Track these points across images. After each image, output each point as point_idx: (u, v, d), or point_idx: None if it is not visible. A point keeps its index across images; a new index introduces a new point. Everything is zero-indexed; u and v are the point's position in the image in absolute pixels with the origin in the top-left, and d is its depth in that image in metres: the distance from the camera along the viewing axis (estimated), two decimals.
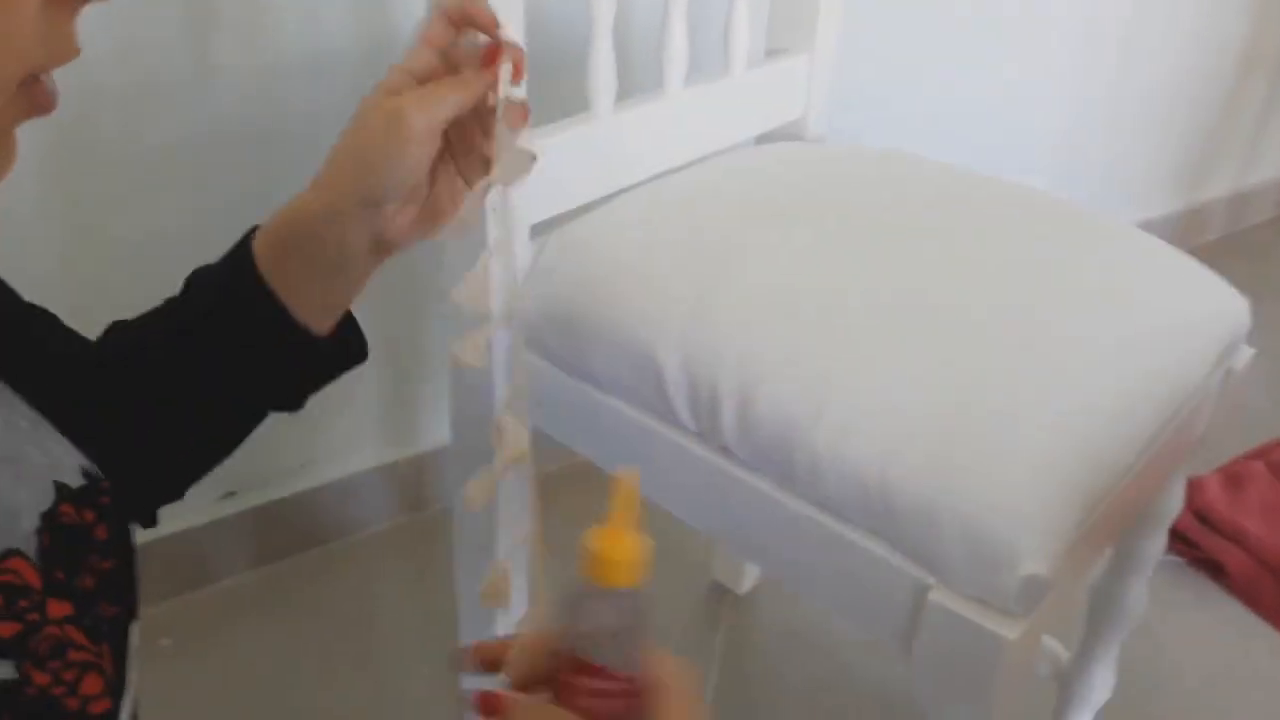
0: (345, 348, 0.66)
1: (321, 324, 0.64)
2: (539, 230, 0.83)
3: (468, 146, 0.61)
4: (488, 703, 0.48)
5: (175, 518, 0.86)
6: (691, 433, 0.75)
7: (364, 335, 0.67)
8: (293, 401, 0.67)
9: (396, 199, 0.59)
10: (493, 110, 0.58)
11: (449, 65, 0.60)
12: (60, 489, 0.50)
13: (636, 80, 0.90)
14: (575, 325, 0.78)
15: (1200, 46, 2.03)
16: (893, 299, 0.72)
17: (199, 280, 0.65)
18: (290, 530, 1.40)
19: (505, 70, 0.57)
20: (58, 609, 0.46)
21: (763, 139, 1.01)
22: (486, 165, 0.60)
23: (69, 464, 0.52)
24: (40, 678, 0.44)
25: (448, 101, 0.57)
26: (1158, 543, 0.96)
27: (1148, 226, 0.90)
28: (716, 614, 1.40)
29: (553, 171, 0.80)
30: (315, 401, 0.68)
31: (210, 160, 1.11)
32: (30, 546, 0.46)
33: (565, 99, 0.83)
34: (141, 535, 0.79)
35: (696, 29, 0.89)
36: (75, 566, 0.49)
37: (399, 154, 0.57)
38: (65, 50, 0.42)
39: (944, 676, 0.64)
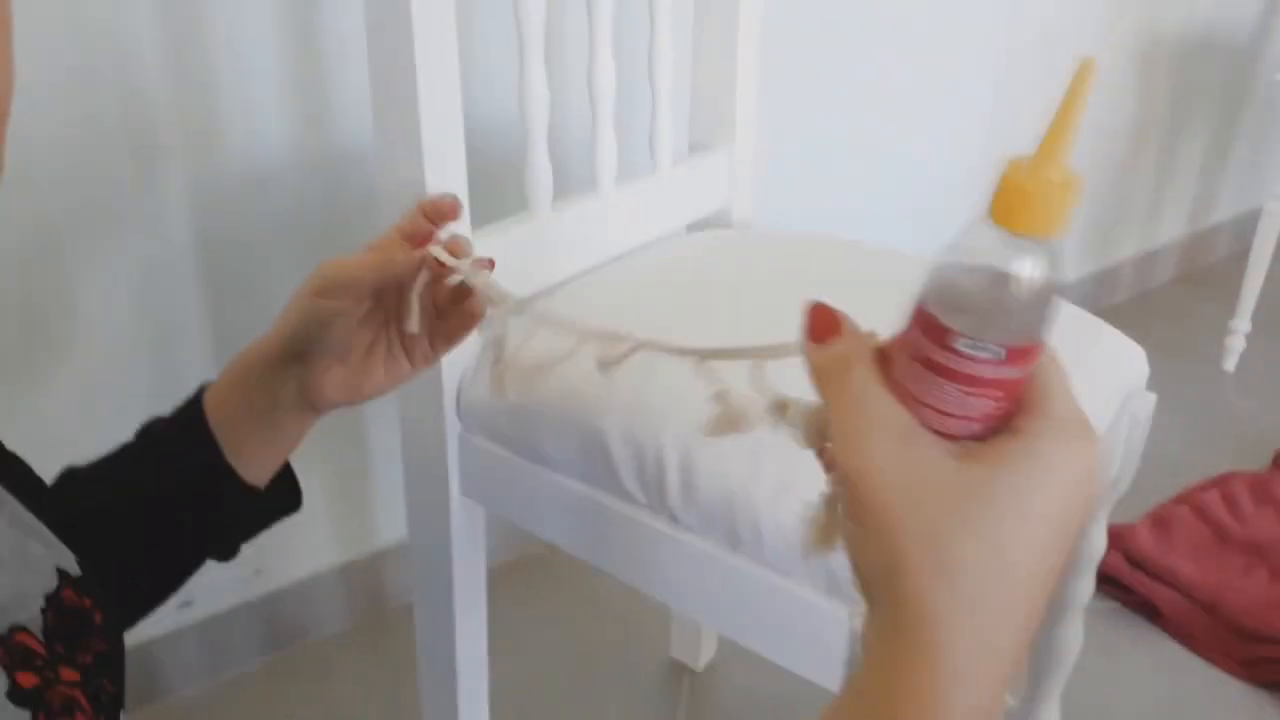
0: (280, 499, 0.69)
1: (259, 476, 0.67)
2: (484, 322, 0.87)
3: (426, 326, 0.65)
4: (821, 320, 0.41)
5: (130, 631, 0.87)
6: (641, 505, 0.79)
7: (299, 486, 0.70)
8: (229, 551, 0.70)
9: (317, 351, 0.62)
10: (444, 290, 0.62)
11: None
12: (62, 575, 0.54)
13: (571, 181, 0.96)
14: (525, 411, 0.83)
15: (1094, 118, 2.17)
16: None
17: (151, 432, 0.68)
18: (247, 637, 1.40)
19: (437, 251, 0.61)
20: (68, 674, 0.50)
21: (692, 227, 1.07)
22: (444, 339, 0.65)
23: (67, 556, 0.56)
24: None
25: (365, 263, 0.61)
26: (1085, 584, 1.02)
27: (1060, 290, 0.98)
28: (675, 691, 1.42)
29: (497, 268, 0.86)
30: None
31: (162, 279, 1.15)
32: (35, 625, 0.50)
33: (506, 200, 0.89)
34: None
35: (624, 131, 0.96)
36: (76, 644, 0.52)
37: (310, 304, 0.61)
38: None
39: None
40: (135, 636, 1.28)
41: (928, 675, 0.35)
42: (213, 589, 1.35)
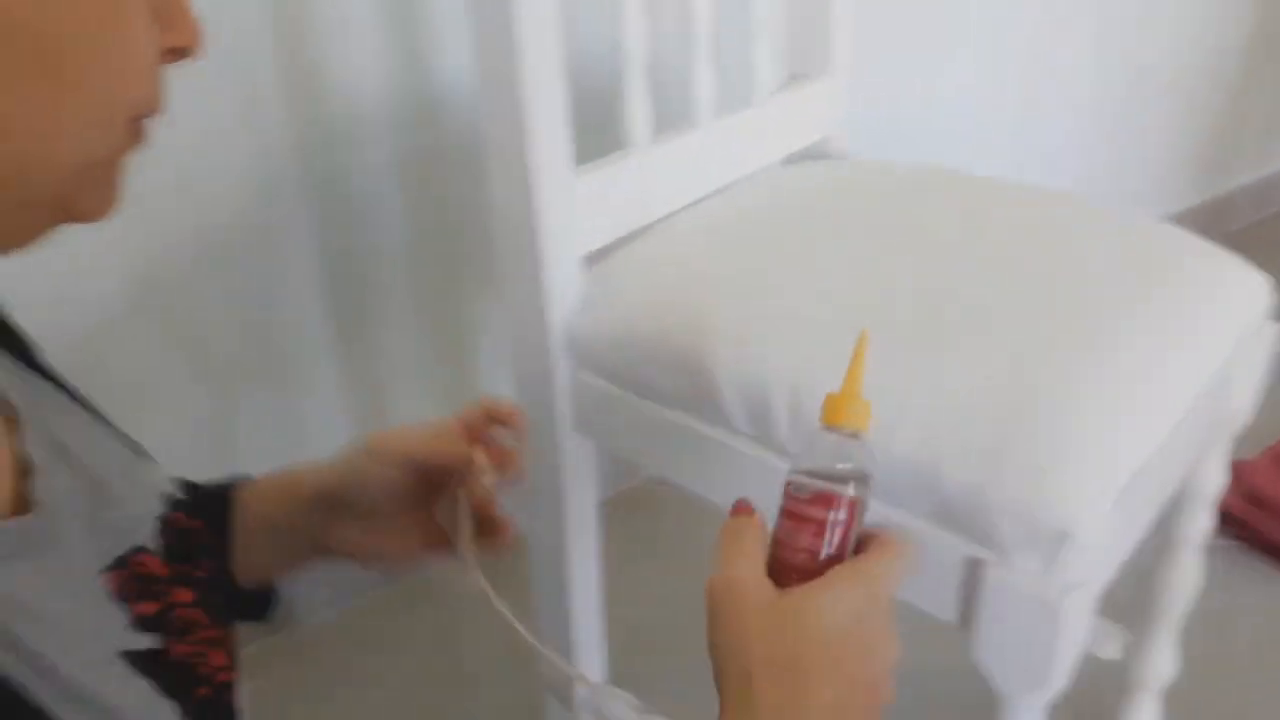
0: (251, 605, 0.69)
1: (249, 577, 0.67)
2: (591, 259, 0.88)
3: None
4: (741, 506, 0.55)
5: None
6: (748, 436, 0.79)
7: (273, 604, 0.71)
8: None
9: (348, 504, 0.62)
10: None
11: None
12: (168, 499, 0.57)
13: (668, 114, 0.95)
14: (633, 345, 0.83)
15: (1209, 37, 2.07)
16: (930, 300, 0.77)
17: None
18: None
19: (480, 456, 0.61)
20: (183, 595, 0.52)
21: (789, 159, 1.06)
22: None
23: (169, 481, 0.59)
24: (179, 648, 0.50)
25: (418, 441, 0.61)
26: (1202, 520, 0.99)
27: (1173, 220, 0.94)
28: None
29: (598, 204, 0.86)
30: None
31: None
32: (155, 545, 0.53)
33: (601, 133, 0.88)
34: None
35: (720, 62, 0.94)
36: (190, 562, 0.55)
37: (358, 461, 0.62)
38: (161, 97, 0.44)
39: (1006, 647, 0.67)
40: None
41: None
42: None
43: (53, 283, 1.04)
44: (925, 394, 0.70)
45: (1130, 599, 1.02)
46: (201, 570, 0.56)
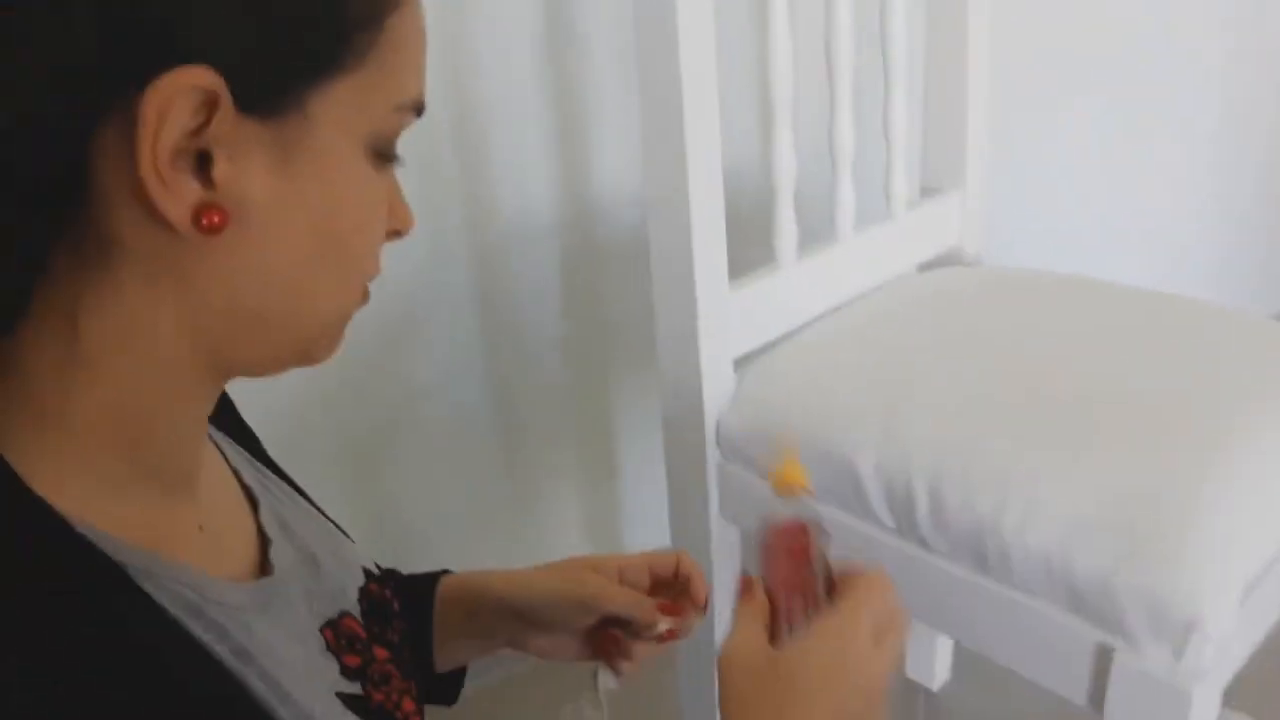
0: (444, 689, 0.79)
1: (443, 662, 0.77)
2: (739, 364, 0.97)
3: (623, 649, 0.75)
4: (745, 586, 0.62)
5: None
6: (890, 529, 0.86)
7: (462, 687, 0.80)
8: None
9: (542, 627, 0.73)
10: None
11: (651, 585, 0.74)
12: (366, 572, 0.66)
13: (809, 228, 1.04)
14: (779, 441, 0.91)
15: None
16: (1062, 398, 0.83)
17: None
18: None
19: (662, 628, 0.71)
20: (380, 653, 0.61)
21: (923, 267, 1.14)
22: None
23: (364, 554, 0.69)
24: (377, 695, 0.59)
25: (617, 600, 0.72)
26: None
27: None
28: (910, 710, 1.47)
29: (749, 313, 0.95)
30: None
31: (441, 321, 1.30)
32: (356, 611, 0.62)
33: (748, 248, 0.98)
34: None
35: (859, 179, 1.03)
36: (384, 626, 0.64)
37: (568, 604, 0.72)
38: (408, 215, 0.55)
39: None
40: None
41: None
42: None
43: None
44: (1058, 487, 0.76)
45: (1259, 688, 1.04)
46: (394, 634, 0.65)
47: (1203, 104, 1.88)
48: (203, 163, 0.43)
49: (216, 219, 0.43)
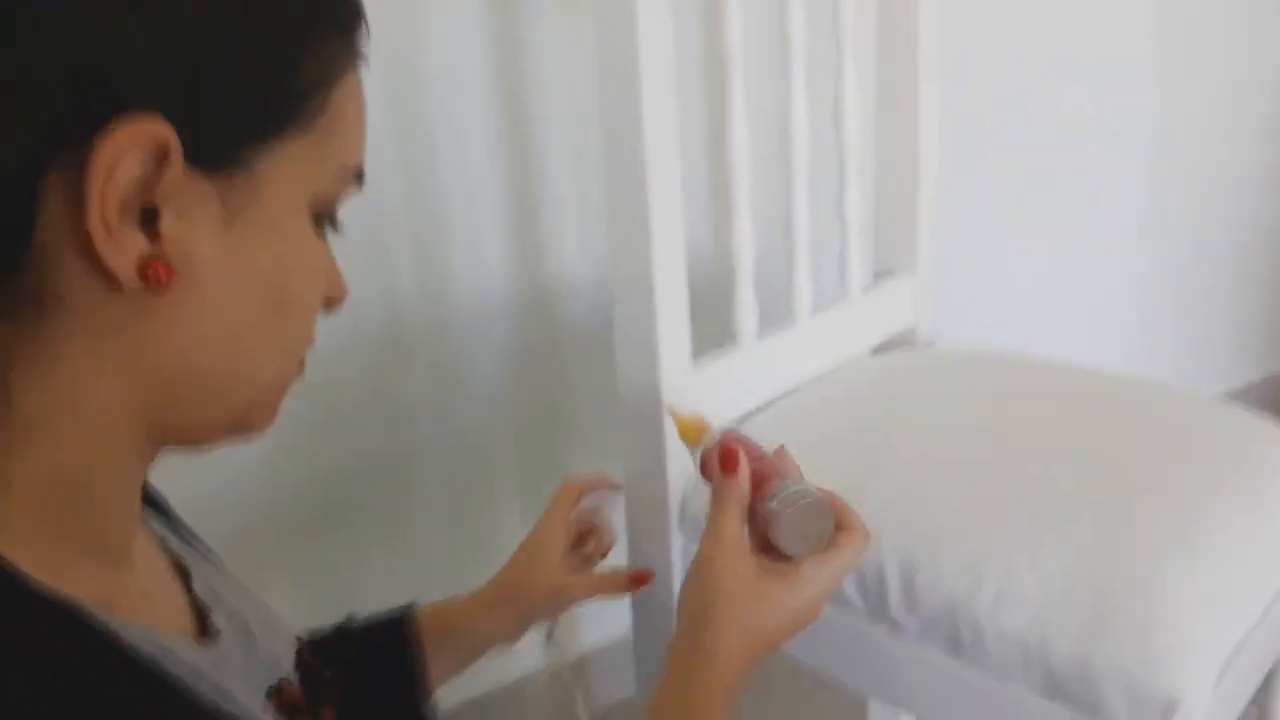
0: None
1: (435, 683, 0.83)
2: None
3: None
4: (729, 458, 0.69)
5: None
6: (860, 611, 0.85)
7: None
8: None
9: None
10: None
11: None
12: (299, 640, 0.65)
13: (769, 308, 1.05)
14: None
15: (1268, 214, 2.17)
16: (1028, 479, 0.84)
17: (359, 637, 0.82)
18: None
19: None
20: (326, 715, 0.60)
21: (878, 349, 1.15)
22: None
23: (293, 625, 0.67)
24: None
25: (584, 591, 0.88)
26: None
27: (1239, 395, 1.01)
28: None
29: (709, 393, 0.95)
30: None
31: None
32: (294, 679, 0.60)
33: (712, 328, 0.98)
34: None
35: (815, 262, 1.04)
36: (320, 697, 0.63)
37: (555, 611, 0.90)
38: (343, 285, 0.56)
39: None
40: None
41: (706, 678, 0.64)
42: None
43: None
44: (1028, 572, 0.76)
45: None
46: (335, 696, 0.64)
47: (1133, 185, 1.96)
48: (149, 218, 0.42)
49: (162, 274, 0.42)
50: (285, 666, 0.60)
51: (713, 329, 0.99)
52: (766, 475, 0.69)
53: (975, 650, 0.77)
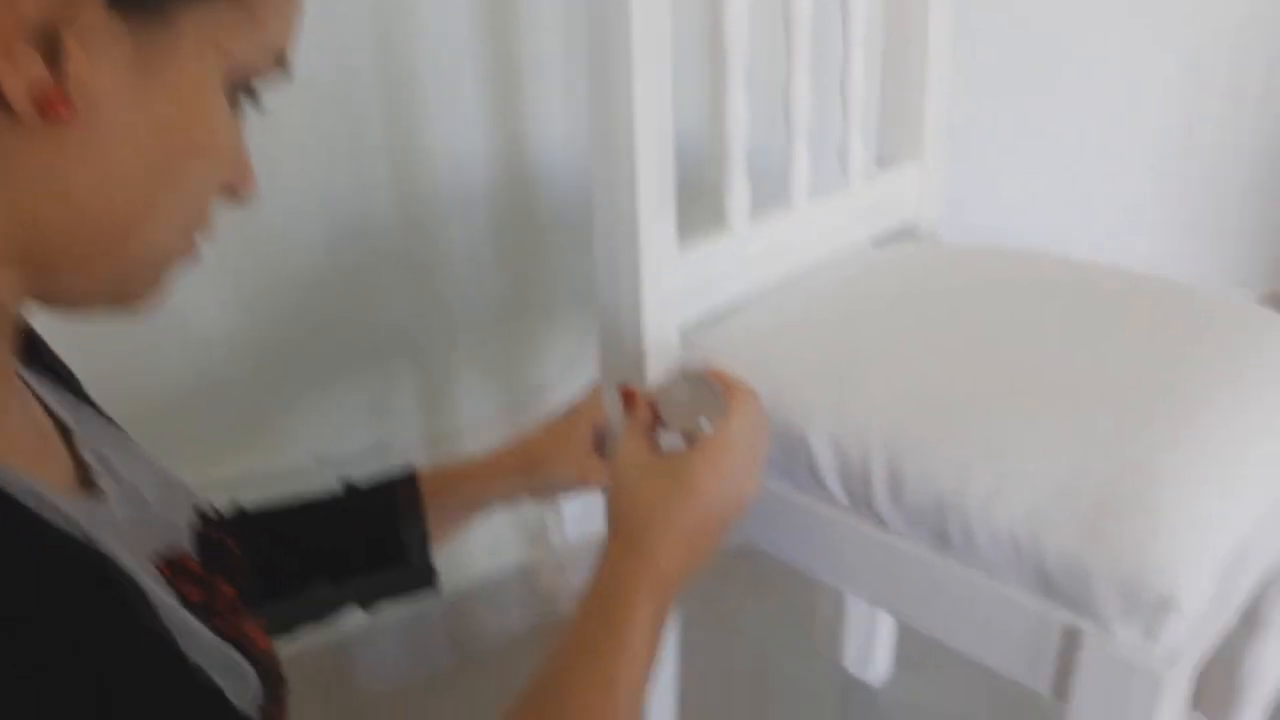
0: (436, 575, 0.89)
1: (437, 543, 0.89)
2: (685, 331, 0.91)
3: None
4: (629, 399, 0.76)
5: (328, 629, 0.98)
6: (844, 506, 0.81)
7: (437, 577, 0.90)
8: (370, 606, 0.89)
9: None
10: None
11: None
12: (203, 515, 0.64)
13: (762, 194, 0.99)
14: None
15: None
16: (1024, 375, 0.79)
17: (360, 498, 0.87)
18: (440, 635, 1.47)
19: None
20: (227, 589, 0.58)
21: (877, 240, 1.09)
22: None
23: (201, 498, 0.66)
24: (226, 627, 0.55)
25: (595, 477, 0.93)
26: None
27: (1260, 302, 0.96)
28: (846, 705, 1.43)
29: (697, 278, 0.90)
30: None
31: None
32: (191, 549, 0.59)
33: (703, 214, 0.93)
34: (290, 644, 0.99)
35: (814, 145, 0.98)
36: (223, 568, 0.61)
37: (571, 491, 0.94)
38: (251, 177, 0.55)
39: (1103, 715, 0.68)
40: (328, 634, 1.36)
41: (642, 579, 0.66)
42: None
43: (165, 310, 1.11)
44: (1024, 466, 0.72)
45: (1208, 685, 1.02)
46: (238, 575, 0.63)
47: (1167, 81, 1.88)
48: (57, 53, 0.41)
49: (61, 109, 0.41)
50: (181, 536, 0.59)
51: (703, 218, 0.94)
52: (665, 390, 0.75)
53: (964, 546, 0.74)
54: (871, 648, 1.43)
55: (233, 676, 0.54)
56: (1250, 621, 1.00)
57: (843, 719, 1.41)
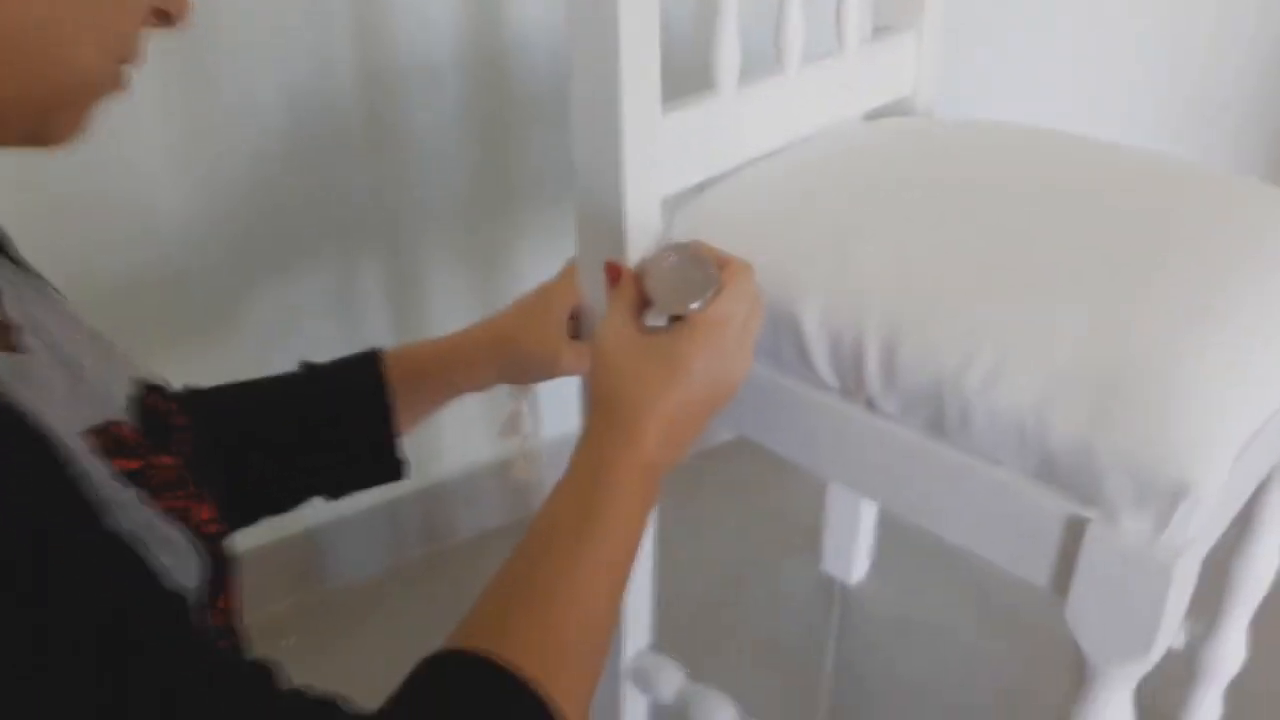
0: (403, 466, 0.85)
1: (405, 428, 0.84)
2: (668, 203, 0.85)
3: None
4: (612, 273, 0.72)
5: (296, 518, 0.93)
6: (833, 390, 0.76)
7: (403, 465, 0.85)
8: (336, 496, 0.85)
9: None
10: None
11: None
12: (140, 382, 0.60)
13: (755, 60, 0.92)
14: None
15: None
16: (1031, 252, 0.74)
17: (321, 381, 0.82)
18: (413, 528, 1.43)
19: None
20: (165, 459, 0.54)
21: (871, 114, 1.03)
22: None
23: (145, 368, 0.63)
24: (164, 503, 0.52)
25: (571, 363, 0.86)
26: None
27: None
28: (826, 604, 1.41)
29: (681, 146, 0.83)
30: None
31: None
32: (128, 419, 0.55)
33: (690, 78, 0.86)
34: (260, 536, 0.96)
35: (810, 9, 0.91)
36: (165, 439, 0.58)
37: (539, 377, 0.88)
38: (143, 51, 0.50)
39: (1107, 613, 0.64)
40: (303, 522, 1.33)
41: (627, 461, 0.62)
42: None
43: (123, 194, 1.05)
44: (1030, 344, 0.67)
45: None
46: (183, 445, 0.60)
47: None
48: None
49: None
50: (117, 404, 0.56)
51: (689, 87, 0.87)
52: (652, 264, 0.70)
53: (961, 431, 0.69)
54: (851, 549, 1.40)
55: (172, 552, 0.50)
56: (1241, 521, 0.97)
57: (819, 619, 1.39)
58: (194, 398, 0.78)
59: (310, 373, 0.83)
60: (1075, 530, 0.65)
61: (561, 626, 0.56)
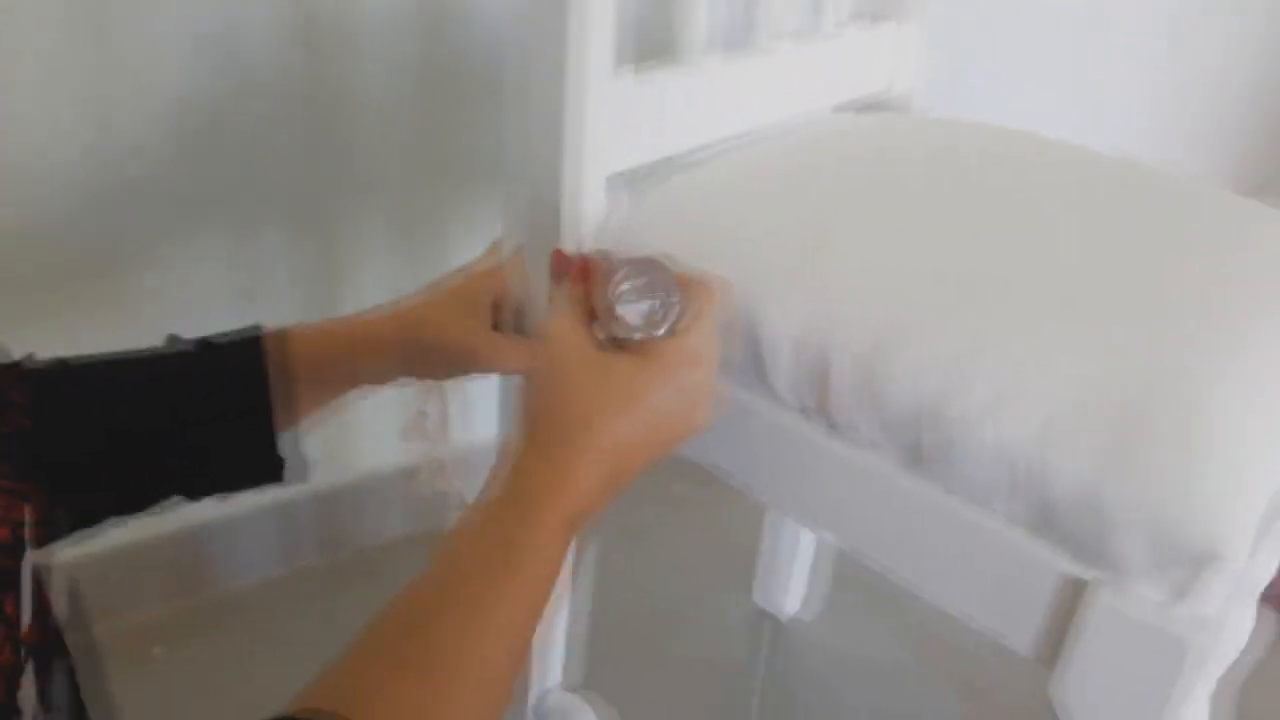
0: (284, 467, 0.71)
1: (284, 421, 0.70)
2: (615, 181, 0.74)
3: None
4: (560, 263, 0.65)
5: (181, 517, 0.82)
6: (791, 409, 0.66)
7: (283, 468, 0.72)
8: (202, 495, 0.72)
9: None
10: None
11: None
12: None
13: (725, 36, 0.82)
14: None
15: None
16: (1034, 270, 0.63)
17: (201, 362, 0.69)
18: (308, 532, 1.31)
19: None
20: None
21: (844, 106, 0.92)
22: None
23: None
24: None
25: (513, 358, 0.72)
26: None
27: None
28: (757, 639, 1.32)
29: (636, 115, 0.72)
30: None
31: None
32: None
33: (651, 46, 0.75)
34: (134, 532, 0.82)
35: None
36: None
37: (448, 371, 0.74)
38: None
39: (1106, 690, 0.54)
40: (184, 520, 1.20)
41: (554, 495, 0.53)
42: None
43: (35, 138, 0.95)
44: (1031, 377, 0.57)
45: None
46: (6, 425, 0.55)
47: None
48: None
49: None
50: None
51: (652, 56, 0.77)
52: (610, 273, 0.59)
53: (941, 465, 0.58)
54: (786, 582, 1.30)
55: None
56: None
57: (749, 652, 1.29)
58: (49, 372, 0.65)
59: (180, 350, 0.70)
60: (1072, 592, 0.54)
61: (442, 700, 0.44)
